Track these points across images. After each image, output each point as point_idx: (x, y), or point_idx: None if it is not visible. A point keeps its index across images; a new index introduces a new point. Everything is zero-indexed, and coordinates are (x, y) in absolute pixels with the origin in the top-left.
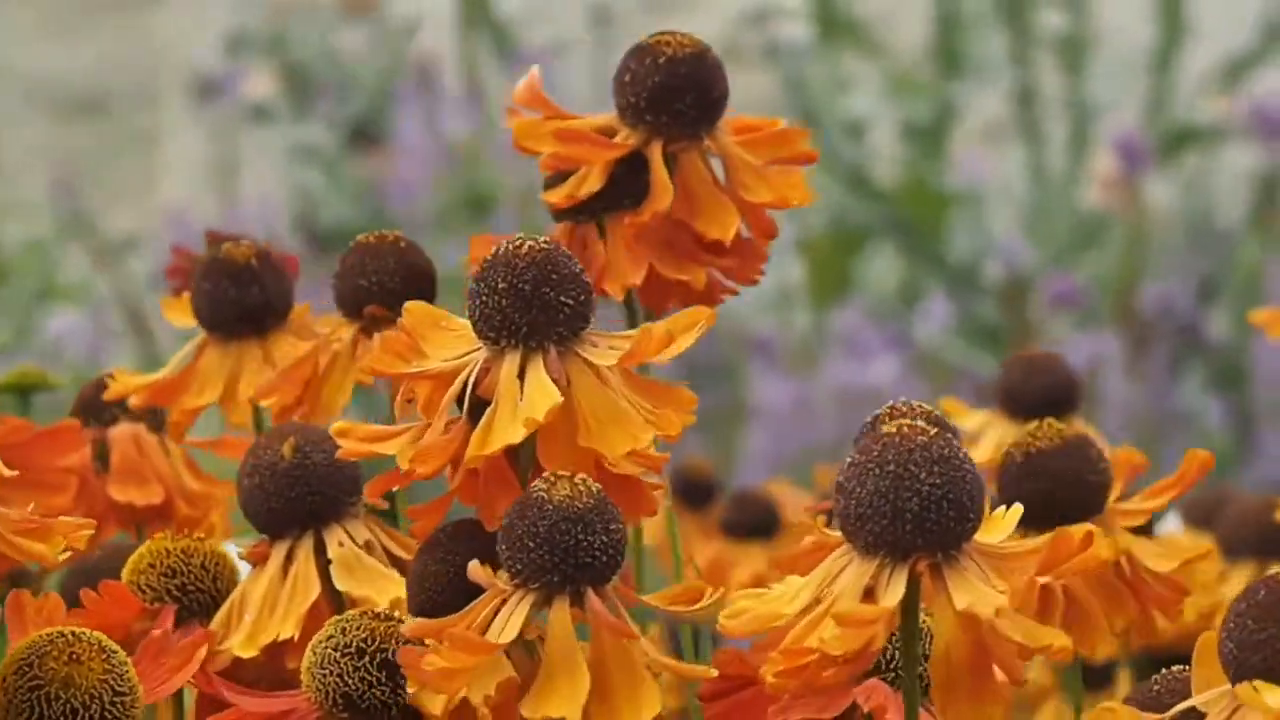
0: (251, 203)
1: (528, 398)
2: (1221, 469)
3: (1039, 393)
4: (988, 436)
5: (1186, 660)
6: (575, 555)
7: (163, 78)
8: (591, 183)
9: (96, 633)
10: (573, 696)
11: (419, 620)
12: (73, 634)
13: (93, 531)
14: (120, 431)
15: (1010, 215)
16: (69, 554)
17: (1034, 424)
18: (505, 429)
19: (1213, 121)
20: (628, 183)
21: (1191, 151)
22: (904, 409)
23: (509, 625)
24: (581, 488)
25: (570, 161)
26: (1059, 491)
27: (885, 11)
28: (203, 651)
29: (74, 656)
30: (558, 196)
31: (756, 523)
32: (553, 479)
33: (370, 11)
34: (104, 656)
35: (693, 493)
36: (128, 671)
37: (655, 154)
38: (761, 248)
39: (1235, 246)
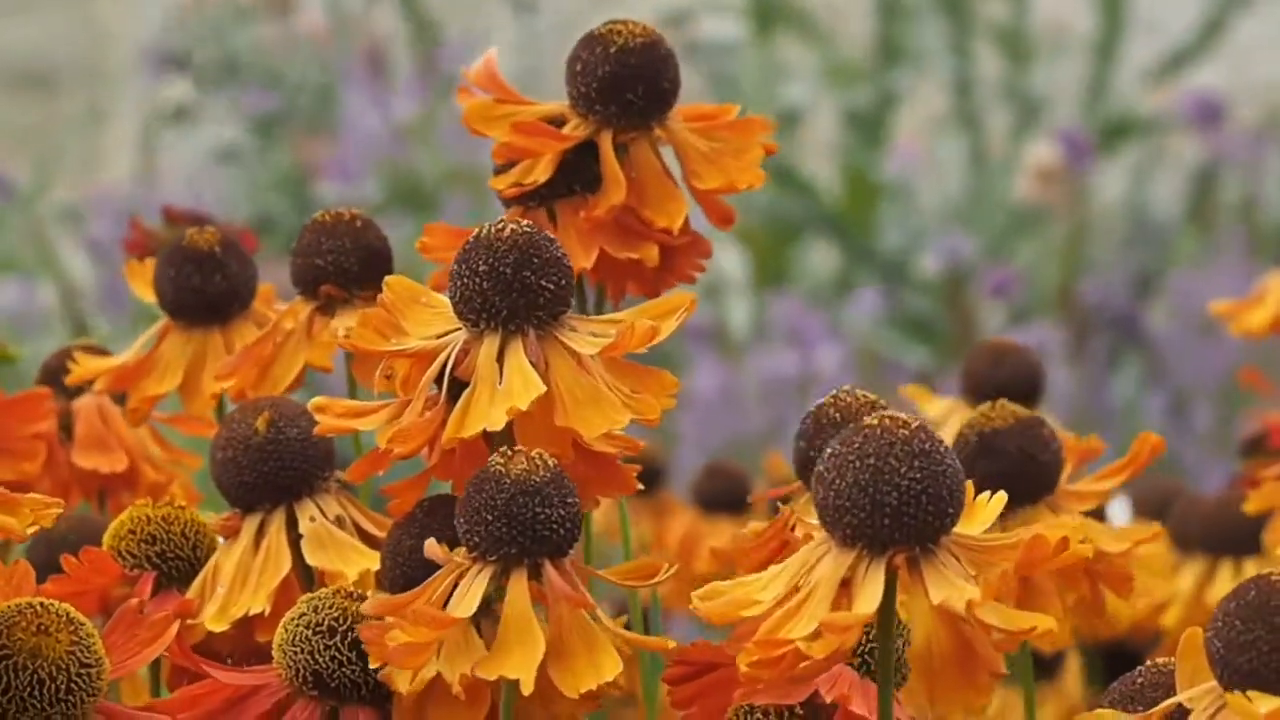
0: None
1: (508, 383)
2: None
3: (1003, 380)
4: (950, 423)
5: (1137, 651)
6: (533, 528)
7: (109, 56)
8: (540, 173)
9: (64, 604)
10: (527, 659)
11: (378, 596)
12: (41, 605)
13: (60, 509)
14: (84, 402)
15: (944, 206)
16: (35, 528)
17: (988, 405)
18: (484, 413)
19: (1152, 113)
20: (578, 169)
21: (1130, 143)
22: (847, 396)
23: (468, 598)
24: (538, 462)
25: (523, 153)
26: (1012, 471)
27: (829, 2)
28: (176, 626)
29: (42, 628)
30: (505, 184)
31: (728, 494)
32: (509, 454)
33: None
34: (71, 628)
35: (641, 476)
36: (95, 643)
37: (606, 144)
38: (705, 243)
39: (1172, 239)
